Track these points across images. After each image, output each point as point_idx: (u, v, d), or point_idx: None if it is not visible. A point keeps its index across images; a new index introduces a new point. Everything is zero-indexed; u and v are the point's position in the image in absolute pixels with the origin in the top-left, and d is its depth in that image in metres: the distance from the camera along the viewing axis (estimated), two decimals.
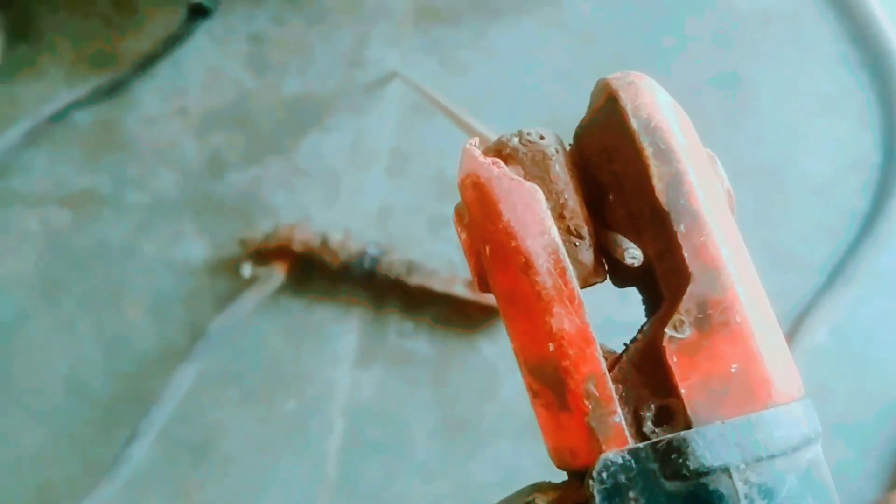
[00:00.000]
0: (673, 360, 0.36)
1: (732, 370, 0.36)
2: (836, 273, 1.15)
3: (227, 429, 1.18)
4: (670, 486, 0.34)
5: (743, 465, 0.34)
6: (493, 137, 1.17)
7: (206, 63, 1.39)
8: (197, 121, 1.35)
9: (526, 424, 1.14)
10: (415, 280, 1.20)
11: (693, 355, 0.36)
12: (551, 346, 0.37)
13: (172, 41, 1.39)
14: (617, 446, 0.36)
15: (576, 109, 0.42)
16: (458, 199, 0.41)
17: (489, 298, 1.22)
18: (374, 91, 1.35)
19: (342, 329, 1.22)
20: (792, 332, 1.12)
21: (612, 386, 0.36)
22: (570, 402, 0.37)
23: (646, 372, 0.37)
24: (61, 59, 1.41)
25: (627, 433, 0.36)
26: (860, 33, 1.25)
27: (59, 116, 1.36)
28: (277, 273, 1.23)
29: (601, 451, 0.36)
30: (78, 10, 1.44)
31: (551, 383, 0.37)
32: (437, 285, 1.19)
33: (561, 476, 0.40)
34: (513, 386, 1.16)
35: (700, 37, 1.30)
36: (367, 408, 1.18)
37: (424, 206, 1.26)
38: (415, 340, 1.20)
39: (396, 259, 1.21)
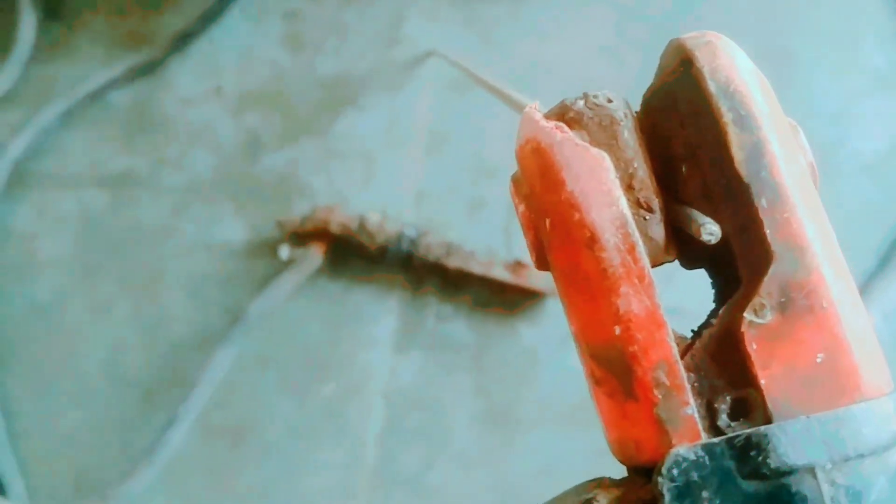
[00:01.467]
0: (752, 347, 0.33)
1: (818, 360, 0.33)
2: (889, 256, 1.11)
3: (265, 413, 1.17)
4: (748, 486, 0.32)
5: (829, 465, 0.31)
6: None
7: (241, 42, 1.38)
8: (232, 100, 1.34)
9: (566, 412, 1.12)
10: (453, 262, 1.18)
11: (774, 342, 0.33)
12: (618, 330, 0.34)
13: (207, 19, 1.37)
14: (688, 441, 0.33)
15: (619, 85, 0.39)
16: (497, 179, 0.38)
17: (528, 281, 1.21)
18: (410, 69, 1.32)
19: (381, 312, 1.20)
20: None
21: (684, 374, 0.33)
22: (638, 390, 0.34)
23: (721, 360, 0.34)
24: (96, 38, 1.40)
25: (700, 427, 0.33)
26: None
27: (95, 97, 1.36)
28: (315, 255, 1.22)
29: (671, 446, 0.33)
30: None
31: (616, 370, 0.34)
32: (476, 268, 1.18)
33: (614, 470, 0.37)
34: (553, 372, 1.14)
35: (746, 10, 1.26)
36: (406, 393, 1.16)
37: (462, 187, 1.24)
38: (454, 324, 1.19)
39: (434, 241, 1.19)
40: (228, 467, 1.16)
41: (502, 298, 1.18)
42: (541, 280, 1.15)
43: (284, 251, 1.23)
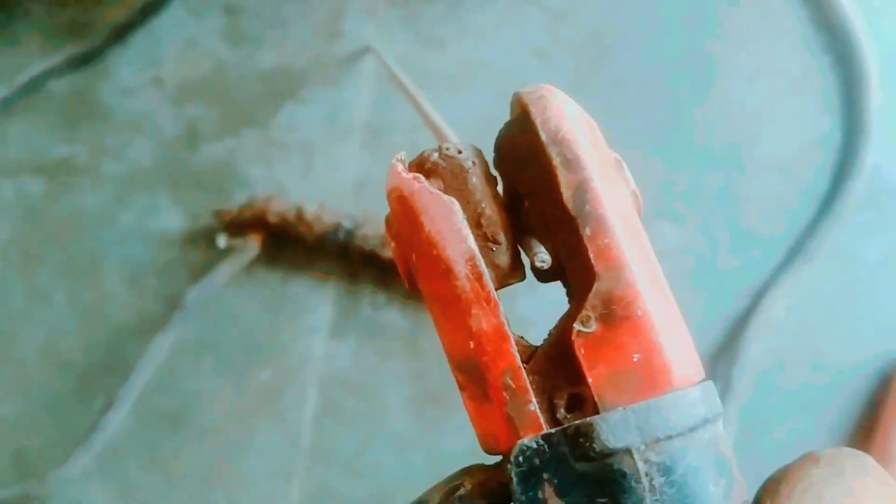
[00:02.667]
0: (581, 352, 0.39)
1: (635, 359, 0.39)
2: (796, 250, 1.19)
3: (204, 398, 1.21)
4: (580, 466, 0.38)
5: (643, 446, 0.37)
6: (449, 130, 1.19)
7: (182, 33, 1.39)
8: (172, 91, 1.36)
9: None
10: (388, 253, 1.22)
11: (599, 348, 0.39)
12: (472, 344, 0.40)
13: (148, 11, 1.39)
14: (533, 432, 0.39)
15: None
16: None
17: None
18: (349, 64, 1.35)
19: (317, 300, 1.24)
20: (752, 307, 1.16)
21: (527, 377, 0.40)
22: (491, 394, 0.40)
23: (559, 364, 0.40)
24: (36, 27, 1.40)
25: (542, 420, 0.39)
26: (823, 17, 1.28)
27: (34, 85, 1.37)
28: (252, 244, 1.25)
29: (519, 437, 0.39)
30: None
31: (474, 377, 0.41)
32: None
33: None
34: None
35: (671, 16, 1.32)
36: (342, 378, 1.20)
37: None
38: (388, 313, 1.23)
39: (370, 232, 1.23)
40: (167, 451, 1.19)
41: None
42: None
43: (222, 240, 1.26)
